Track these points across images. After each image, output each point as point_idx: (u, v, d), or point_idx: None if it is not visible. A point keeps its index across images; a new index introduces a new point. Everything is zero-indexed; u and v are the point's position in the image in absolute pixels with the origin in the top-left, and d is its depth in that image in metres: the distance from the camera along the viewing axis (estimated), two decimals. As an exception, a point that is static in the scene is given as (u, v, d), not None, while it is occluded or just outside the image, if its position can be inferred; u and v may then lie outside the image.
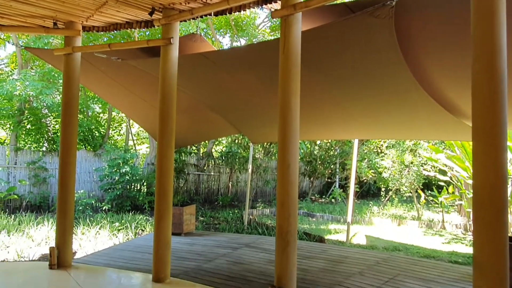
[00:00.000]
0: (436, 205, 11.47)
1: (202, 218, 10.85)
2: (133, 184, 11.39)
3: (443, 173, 10.58)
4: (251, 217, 11.24)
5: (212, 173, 14.44)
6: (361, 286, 4.51)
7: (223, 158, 12.67)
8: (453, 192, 11.20)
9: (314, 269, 5.21)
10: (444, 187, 11.29)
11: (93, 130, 12.63)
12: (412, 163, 11.07)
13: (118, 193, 10.58)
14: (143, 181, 11.40)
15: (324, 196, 16.34)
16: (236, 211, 12.12)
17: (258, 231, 8.73)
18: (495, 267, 2.45)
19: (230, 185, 14.42)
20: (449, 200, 10.45)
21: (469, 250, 8.02)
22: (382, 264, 5.49)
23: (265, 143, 12.52)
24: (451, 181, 9.13)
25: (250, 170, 10.16)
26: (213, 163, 14.31)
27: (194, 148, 12.25)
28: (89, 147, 12.38)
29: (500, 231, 2.46)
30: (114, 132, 14.70)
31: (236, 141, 12.68)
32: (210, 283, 4.56)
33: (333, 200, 15.03)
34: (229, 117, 8.22)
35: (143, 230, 8.71)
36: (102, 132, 13.00)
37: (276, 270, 3.65)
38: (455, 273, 5.16)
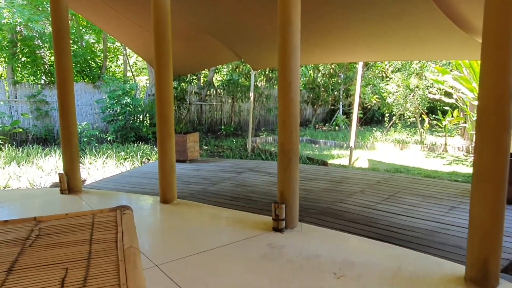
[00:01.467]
0: (440, 129, 11.46)
1: (206, 147, 10.99)
2: (135, 115, 11.37)
3: (449, 95, 10.40)
4: (254, 144, 11.38)
5: (214, 103, 14.33)
6: (362, 202, 4.64)
7: (224, 87, 12.45)
8: (457, 116, 11.12)
9: (316, 189, 5.34)
10: (449, 111, 11.18)
11: (89, 61, 12.27)
12: (417, 86, 10.85)
13: (121, 124, 10.61)
14: (146, 112, 11.36)
15: (327, 124, 16.37)
16: (239, 139, 12.24)
17: (262, 157, 8.87)
18: (493, 177, 2.45)
19: (232, 114, 14.39)
20: (453, 123, 10.41)
21: (469, 170, 8.16)
22: (383, 183, 5.61)
23: (267, 70, 12.21)
24: (456, 103, 8.99)
25: (252, 98, 10.04)
26: (214, 92, 14.13)
27: (194, 77, 12.00)
28: (87, 79, 12.16)
29: (503, 141, 2.42)
30: (112, 63, 14.30)
31: (237, 69, 12.35)
32: (216, 203, 4.71)
33: (336, 127, 15.07)
34: (229, 42, 7.89)
35: (148, 159, 8.87)
36: (99, 63, 12.66)
37: (279, 187, 3.71)
38: (454, 189, 5.27)
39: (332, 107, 16.09)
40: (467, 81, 7.92)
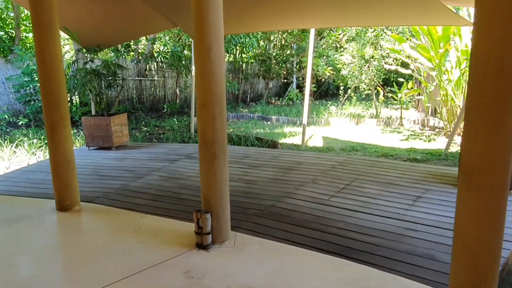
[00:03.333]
0: (395, 101, 11.00)
1: (145, 128, 9.80)
2: None
3: (405, 66, 9.86)
4: (200, 124, 10.36)
5: (156, 78, 12.97)
6: (314, 196, 3.84)
7: (162, 59, 11.04)
8: (412, 88, 10.67)
9: (261, 179, 4.48)
10: (404, 83, 10.70)
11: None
12: (373, 57, 10.20)
13: (40, 104, 9.09)
14: (74, 90, 9.80)
15: (281, 98, 15.56)
16: (184, 118, 11.11)
17: (206, 139, 7.88)
18: (492, 179, 1.66)
19: (177, 90, 13.13)
20: (409, 95, 9.94)
21: (427, 146, 7.69)
22: (338, 168, 4.85)
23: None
24: (413, 74, 8.43)
25: (194, 72, 8.89)
26: (156, 66, 12.74)
27: (131, 49, 10.55)
28: (-3, 52, 10.30)
29: (505, 130, 1.61)
30: (28, 33, 12.32)
31: (179, 39, 11.04)
32: (134, 205, 3.71)
33: (290, 102, 14.29)
34: (162, 6, 6.65)
35: (74, 144, 7.57)
36: (10, 34, 10.74)
37: (202, 191, 2.78)
38: (416, 173, 4.63)
39: (285, 80, 15.23)
40: (425, 49, 7.32)
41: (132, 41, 10.95)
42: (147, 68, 12.38)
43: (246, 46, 9.39)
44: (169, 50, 10.44)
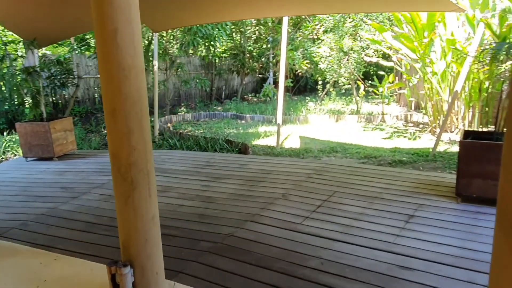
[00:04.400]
0: (376, 96, 10.39)
1: (104, 131, 8.86)
2: (9, 94, 8.81)
3: (387, 58, 9.24)
4: (168, 125, 9.47)
5: (122, 76, 11.95)
6: (283, 218, 3.11)
7: None
8: (393, 82, 10.08)
9: (222, 196, 3.71)
10: (385, 76, 10.08)
11: None
12: (352, 49, 9.53)
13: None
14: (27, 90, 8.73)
15: (257, 95, 14.77)
16: (152, 119, 10.20)
17: (169, 143, 7.04)
18: None
19: (146, 88, 12.17)
20: (391, 89, 9.34)
21: (412, 144, 7.08)
22: (314, 178, 4.13)
23: (176, 30, 10.10)
24: (396, 66, 7.81)
25: (155, 68, 8.04)
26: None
27: (89, 44, 9.55)
28: None
29: None
30: None
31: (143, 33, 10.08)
32: (53, 240, 2.90)
33: (268, 98, 13.52)
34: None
35: (15, 154, 6.63)
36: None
37: (120, 235, 1.98)
38: (404, 181, 3.96)
39: (260, 75, 14.43)
40: (408, 39, 6.68)
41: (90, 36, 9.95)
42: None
43: (214, 38, 8.57)
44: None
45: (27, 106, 9.26)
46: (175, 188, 3.97)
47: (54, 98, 10.36)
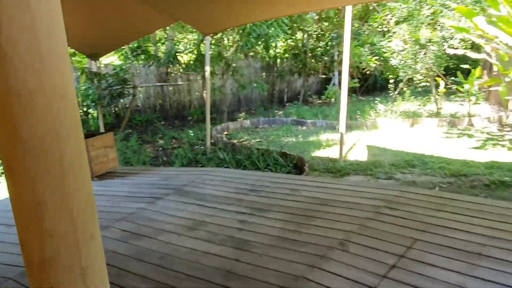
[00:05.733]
0: (461, 94, 8.80)
1: (161, 141, 8.57)
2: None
3: (477, 49, 7.70)
4: (220, 135, 8.90)
5: (180, 83, 11.76)
6: (350, 282, 2.21)
7: (182, 62, 9.62)
8: (480, 76, 8.43)
9: (259, 241, 2.91)
10: (472, 71, 8.47)
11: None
12: (430, 40, 8.11)
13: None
14: (94, 102, 8.65)
15: (321, 97, 13.71)
16: (210, 126, 9.73)
17: (219, 157, 6.40)
18: None
19: (204, 94, 11.81)
20: (482, 86, 7.76)
21: (514, 156, 5.63)
22: (386, 215, 3.14)
23: (231, 32, 9.48)
24: (488, 58, 6.33)
25: (207, 73, 7.48)
26: (178, 69, 11.52)
27: (143, 52, 9.36)
28: None
29: None
30: None
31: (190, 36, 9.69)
32: None
33: (333, 100, 12.40)
34: (162, 4, 5.29)
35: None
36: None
37: None
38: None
39: (324, 75, 13.33)
40: (508, 23, 5.25)
41: (143, 44, 9.79)
42: (168, 72, 11.20)
43: (270, 38, 7.80)
44: (177, 50, 9.04)
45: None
46: (206, 225, 3.26)
47: (116, 109, 10.44)
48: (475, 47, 8.27)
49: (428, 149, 6.46)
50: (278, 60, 13.48)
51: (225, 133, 9.37)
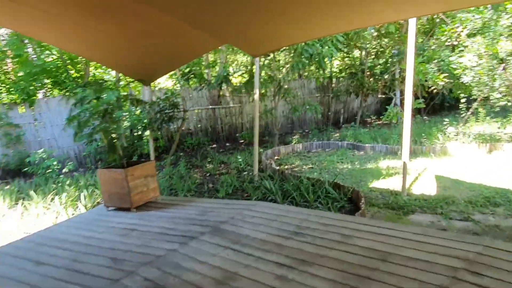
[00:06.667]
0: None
1: (210, 166, 8.30)
2: (132, 130, 9.13)
3: None
4: (270, 160, 8.43)
5: (232, 105, 11.58)
6: None
7: (232, 84, 9.31)
8: None
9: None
10: None
11: (67, 69, 10.04)
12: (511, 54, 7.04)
13: (98, 145, 8.35)
14: (148, 125, 8.67)
15: (382, 117, 12.75)
16: (261, 150, 9.34)
17: (266, 187, 5.91)
18: None
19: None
20: None
21: None
22: (466, 282, 2.41)
23: (283, 53, 9.07)
24: None
25: (256, 96, 7.11)
26: (230, 92, 11.35)
27: (194, 75, 9.29)
28: (65, 91, 9.95)
29: None
30: (98, 70, 12.06)
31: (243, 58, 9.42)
32: None
33: (394, 121, 11.41)
34: (206, 23, 5.07)
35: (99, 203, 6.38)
36: (80, 71, 10.34)
37: None
38: None
39: (385, 95, 12.38)
40: None
41: (193, 67, 9.74)
42: (220, 95, 11.08)
43: (323, 58, 7.25)
44: (227, 74, 8.79)
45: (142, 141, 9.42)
46: (236, 279, 2.76)
47: (167, 132, 10.46)
48: None
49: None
50: (334, 80, 12.84)
51: (276, 157, 8.90)
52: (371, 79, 10.39)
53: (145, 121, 7.79)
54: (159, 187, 5.37)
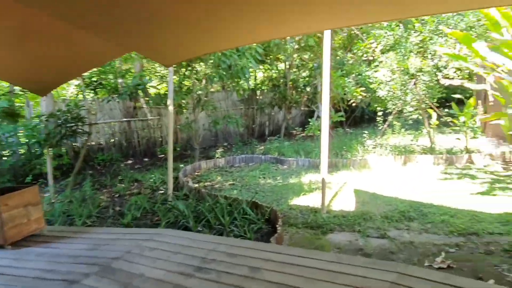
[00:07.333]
0: (457, 127, 7.98)
1: (121, 185, 7.45)
2: (30, 146, 7.94)
3: (475, 79, 6.93)
4: (188, 177, 7.84)
5: (150, 117, 10.80)
6: None
7: (134, 93, 8.52)
8: (474, 107, 7.66)
9: None
10: (468, 101, 7.72)
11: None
12: (421, 70, 7.35)
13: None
14: (49, 141, 7.50)
15: (305, 129, 12.85)
16: (181, 165, 8.69)
17: (179, 210, 5.31)
18: None
19: (177, 129, 10.83)
20: (484, 120, 6.94)
21: (530, 204, 4.69)
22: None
23: (198, 63, 8.57)
24: (491, 90, 5.49)
25: (170, 107, 6.52)
26: (147, 104, 10.57)
27: (102, 85, 8.40)
28: None
29: None
30: None
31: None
32: None
33: (316, 134, 11.51)
34: (109, 31, 4.38)
35: None
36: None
37: None
38: None
39: (307, 107, 12.51)
40: (512, 48, 4.47)
41: (100, 75, 8.85)
42: (135, 106, 10.25)
43: (241, 69, 6.92)
44: (139, 83, 8.04)
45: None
46: None
47: (73, 148, 9.30)
48: (474, 77, 7.54)
49: (426, 194, 5.50)
50: (258, 92, 12.69)
51: (196, 173, 8.33)
52: (294, 92, 10.36)
53: (41, 136, 6.77)
54: (47, 216, 4.53)
